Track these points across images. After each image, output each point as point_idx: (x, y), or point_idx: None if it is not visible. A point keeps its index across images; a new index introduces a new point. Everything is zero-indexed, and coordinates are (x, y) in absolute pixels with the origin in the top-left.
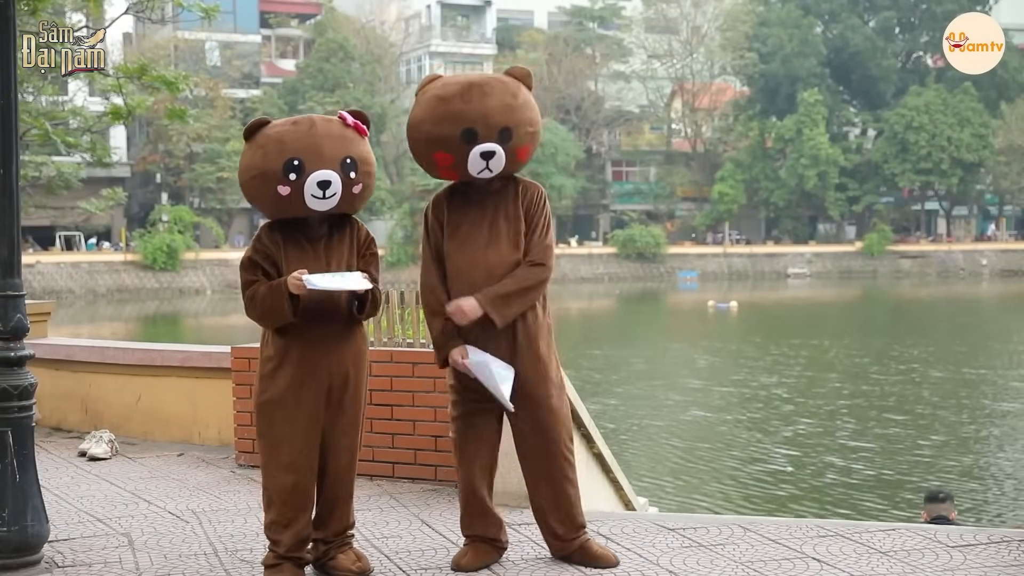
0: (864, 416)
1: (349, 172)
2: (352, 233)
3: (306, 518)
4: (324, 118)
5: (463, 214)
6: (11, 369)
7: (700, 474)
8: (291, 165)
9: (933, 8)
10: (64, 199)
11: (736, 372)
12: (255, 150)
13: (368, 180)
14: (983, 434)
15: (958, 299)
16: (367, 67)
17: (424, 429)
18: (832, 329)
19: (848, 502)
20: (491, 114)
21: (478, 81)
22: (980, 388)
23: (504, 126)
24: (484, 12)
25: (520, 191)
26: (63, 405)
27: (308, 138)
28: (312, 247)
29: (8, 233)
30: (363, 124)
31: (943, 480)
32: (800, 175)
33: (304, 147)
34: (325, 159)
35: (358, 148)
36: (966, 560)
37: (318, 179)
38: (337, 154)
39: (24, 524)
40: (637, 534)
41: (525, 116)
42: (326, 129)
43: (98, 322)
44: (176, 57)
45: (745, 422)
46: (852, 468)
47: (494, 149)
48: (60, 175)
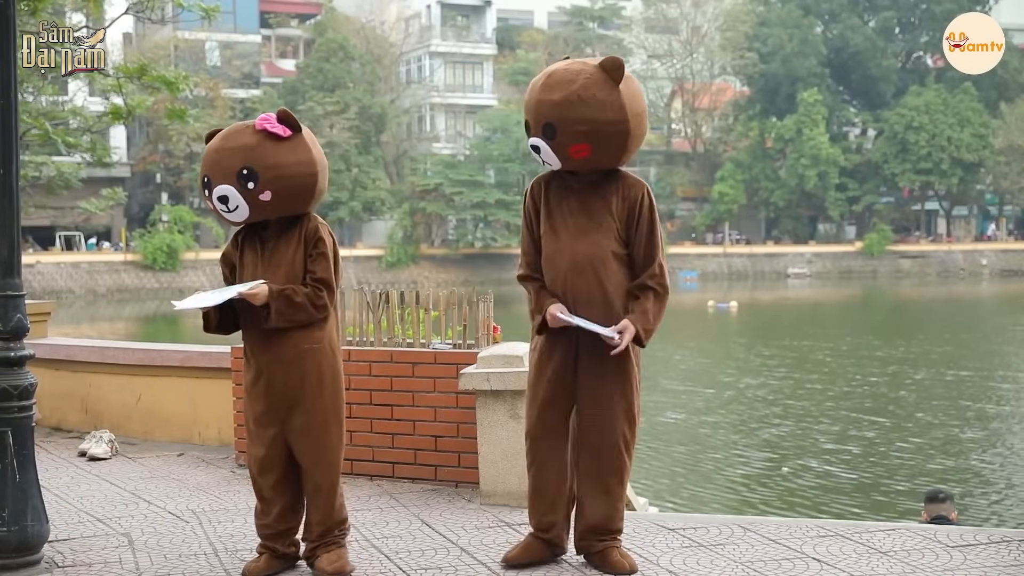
0: (864, 416)
1: (247, 183)
2: (301, 231)
3: (273, 512)
4: (238, 127)
5: (559, 201)
6: (11, 369)
7: (700, 474)
8: (204, 182)
9: (933, 8)
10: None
11: (737, 372)
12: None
13: (281, 184)
14: (983, 434)
15: (958, 299)
16: (367, 67)
17: (424, 429)
18: (833, 329)
19: (848, 502)
20: (538, 108)
21: (550, 72)
22: (980, 388)
23: (547, 122)
24: (484, 12)
25: (623, 187)
26: (63, 405)
27: (213, 153)
28: (262, 249)
29: (8, 233)
30: (285, 124)
31: (943, 480)
32: (800, 175)
33: (210, 163)
34: (223, 173)
35: (260, 155)
36: (966, 560)
37: (217, 194)
38: (233, 166)
39: (24, 524)
40: (637, 534)
41: (577, 114)
42: (232, 140)
43: (98, 322)
44: (176, 57)
45: (746, 422)
46: (852, 468)
47: (537, 144)
48: (60, 175)
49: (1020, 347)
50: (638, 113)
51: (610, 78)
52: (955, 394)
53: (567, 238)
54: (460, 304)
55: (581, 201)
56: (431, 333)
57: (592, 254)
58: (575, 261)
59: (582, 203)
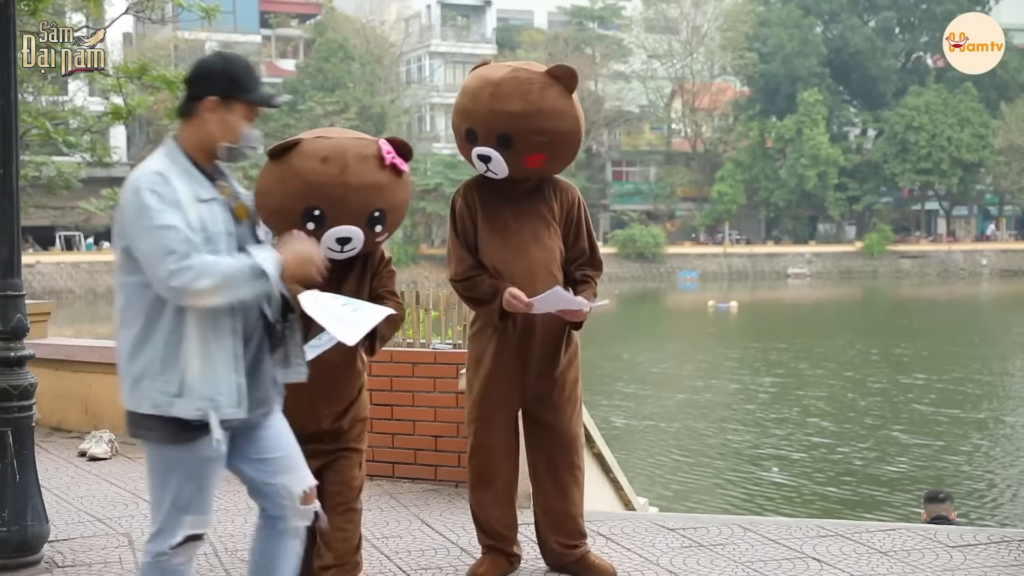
0: (864, 416)
1: (375, 226)
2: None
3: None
4: (359, 156)
5: (497, 207)
6: (11, 369)
7: (700, 474)
8: (310, 214)
9: (933, 8)
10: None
11: (737, 371)
12: (277, 179)
13: (396, 224)
14: (983, 434)
15: (958, 299)
16: (367, 67)
17: (424, 429)
18: (833, 329)
19: (848, 502)
20: (493, 119)
21: (494, 81)
22: (980, 388)
23: (503, 133)
24: (484, 12)
25: (557, 192)
26: (63, 405)
27: (335, 187)
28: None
29: (8, 233)
30: (404, 158)
31: (943, 480)
32: (800, 175)
33: (328, 196)
34: (350, 213)
35: (391, 195)
36: (966, 560)
37: (337, 235)
38: (365, 208)
39: (24, 524)
40: (637, 534)
41: (535, 125)
42: (358, 174)
43: (98, 322)
44: (176, 57)
45: (746, 422)
46: (852, 468)
47: (489, 154)
48: (60, 175)
49: (1020, 347)
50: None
51: (564, 87)
52: (955, 394)
53: (517, 244)
54: (460, 304)
55: (522, 207)
56: (431, 333)
57: (548, 259)
58: (531, 267)
59: (524, 209)
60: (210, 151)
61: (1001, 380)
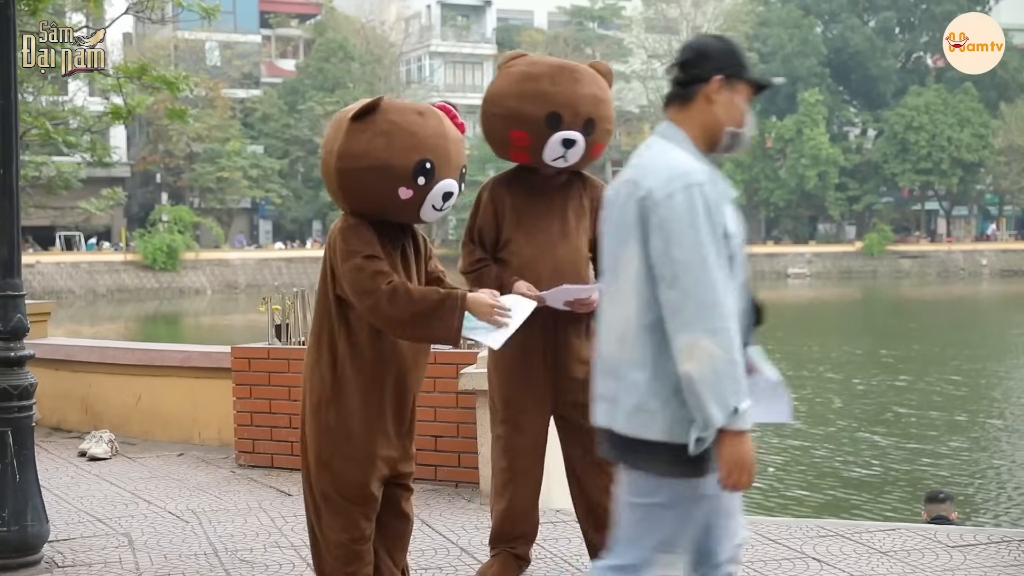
0: (864, 416)
1: (461, 184)
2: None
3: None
4: (441, 111)
5: (528, 203)
6: (11, 369)
7: None
8: (423, 167)
9: (933, 8)
10: (64, 199)
11: None
12: (375, 136)
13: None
14: (983, 434)
15: (958, 299)
16: (367, 67)
17: (424, 429)
18: (833, 329)
19: (848, 502)
20: (580, 102)
21: (569, 67)
22: (980, 388)
23: (590, 116)
24: (484, 12)
25: (587, 187)
26: (63, 405)
27: (440, 138)
28: (393, 253)
29: (8, 233)
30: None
31: (943, 480)
32: (800, 175)
33: (435, 147)
34: (452, 166)
35: (465, 154)
36: (966, 560)
37: (444, 189)
38: (460, 161)
39: (24, 524)
40: None
41: (608, 112)
42: (452, 129)
43: (98, 322)
44: (176, 57)
45: None
46: (852, 468)
47: (575, 138)
48: (60, 175)
49: (1020, 347)
50: None
51: (607, 82)
52: (955, 394)
53: (546, 243)
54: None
55: (551, 204)
56: None
57: (574, 259)
58: (556, 267)
59: (553, 206)
60: (714, 139)
61: (1003, 380)
